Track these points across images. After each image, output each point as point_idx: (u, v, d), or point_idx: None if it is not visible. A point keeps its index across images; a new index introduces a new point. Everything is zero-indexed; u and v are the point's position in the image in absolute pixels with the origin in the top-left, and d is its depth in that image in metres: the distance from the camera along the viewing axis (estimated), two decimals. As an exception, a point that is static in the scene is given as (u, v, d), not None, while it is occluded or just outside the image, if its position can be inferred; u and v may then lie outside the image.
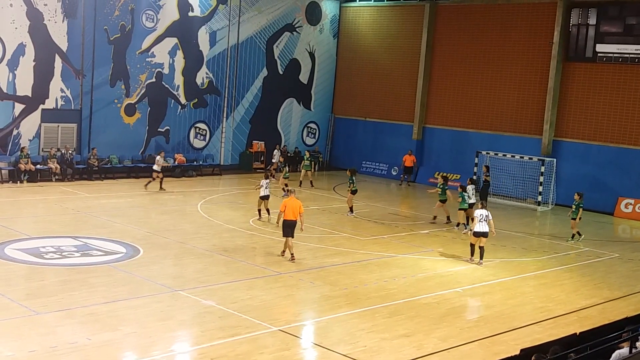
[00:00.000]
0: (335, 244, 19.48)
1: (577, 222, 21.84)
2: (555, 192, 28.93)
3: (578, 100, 29.21)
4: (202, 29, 32.09)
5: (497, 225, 23.21)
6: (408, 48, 34.54)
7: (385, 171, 35.05)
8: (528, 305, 15.07)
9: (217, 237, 19.40)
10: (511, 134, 30.98)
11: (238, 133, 34.20)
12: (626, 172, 27.86)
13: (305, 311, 14.10)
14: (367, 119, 36.34)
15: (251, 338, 11.87)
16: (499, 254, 19.82)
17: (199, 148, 32.73)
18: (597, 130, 28.71)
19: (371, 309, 14.01)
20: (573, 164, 29.19)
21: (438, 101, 33.74)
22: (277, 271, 16.25)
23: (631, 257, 20.51)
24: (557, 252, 20.59)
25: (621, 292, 16.60)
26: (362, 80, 36.45)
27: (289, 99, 36.19)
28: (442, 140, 33.57)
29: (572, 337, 11.07)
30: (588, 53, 28.89)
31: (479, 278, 16.99)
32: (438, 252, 19.50)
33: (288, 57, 35.75)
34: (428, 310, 14.22)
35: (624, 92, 27.93)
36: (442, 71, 33.49)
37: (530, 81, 30.43)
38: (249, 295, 14.27)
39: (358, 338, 12.32)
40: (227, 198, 26.37)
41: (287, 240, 17.31)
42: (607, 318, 13.49)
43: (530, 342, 11.47)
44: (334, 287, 15.33)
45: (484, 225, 18.02)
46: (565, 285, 16.96)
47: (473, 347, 12.32)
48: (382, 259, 18.22)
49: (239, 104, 34.09)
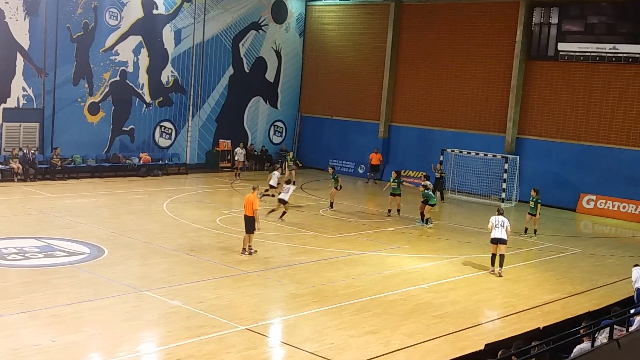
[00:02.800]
0: (302, 242, 19.50)
1: (537, 218, 22.20)
2: (519, 189, 29.36)
3: (540, 99, 29.67)
4: (166, 27, 31.83)
5: (461, 222, 23.55)
6: (374, 46, 34.71)
7: (352, 169, 35.19)
8: (492, 301, 15.29)
9: (183, 237, 19.29)
10: (475, 132, 31.35)
11: (204, 132, 34.01)
12: (588, 168, 28.40)
13: (272, 310, 14.10)
14: (333, 117, 36.44)
15: (218, 337, 11.84)
16: (464, 250, 20.05)
17: (165, 147, 32.46)
18: (559, 127, 29.20)
19: (338, 306, 14.07)
20: (536, 161, 29.66)
21: (404, 99, 33.98)
22: (244, 270, 16.21)
23: (593, 253, 20.91)
24: (521, 248, 20.91)
25: (583, 287, 16.92)
26: (328, 79, 36.52)
27: (256, 97, 36.09)
28: (408, 138, 33.81)
29: (536, 332, 11.28)
30: (550, 52, 29.37)
31: (444, 274, 17.18)
32: (404, 249, 19.65)
33: (254, 56, 35.65)
34: (394, 306, 14.34)
35: (585, 90, 28.45)
36: (408, 70, 33.73)
37: (494, 80, 30.82)
38: (216, 294, 14.22)
39: (325, 335, 12.37)
40: (194, 197, 26.22)
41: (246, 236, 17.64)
42: (569, 313, 13.75)
43: (494, 337, 11.62)
44: (301, 285, 15.36)
45: (500, 231, 17.27)
46: (529, 281, 17.23)
47: (439, 342, 12.45)
48: (349, 257, 18.31)
49: (205, 103, 33.90)
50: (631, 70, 27.41)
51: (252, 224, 17.51)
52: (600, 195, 27.81)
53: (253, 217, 17.43)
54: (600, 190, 27.88)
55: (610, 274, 18.33)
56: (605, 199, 27.67)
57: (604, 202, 27.68)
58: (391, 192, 24.19)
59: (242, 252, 17.59)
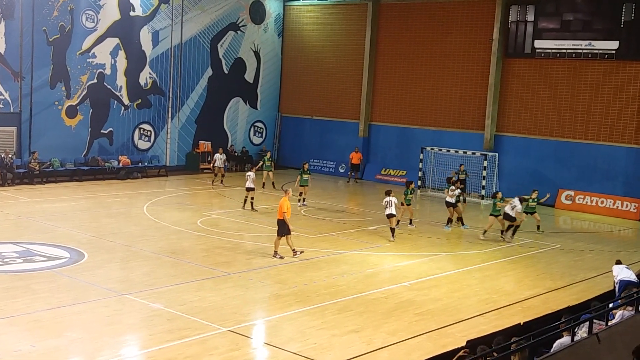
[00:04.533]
0: (284, 243, 19.43)
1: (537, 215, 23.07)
2: (498, 186, 29.56)
3: (518, 96, 29.92)
4: (144, 28, 31.65)
5: (442, 219, 23.64)
6: (352, 46, 34.78)
7: (332, 169, 35.24)
8: (473, 297, 15.39)
9: (164, 239, 19.20)
10: (454, 130, 31.53)
11: (184, 133, 33.87)
12: (565, 164, 28.68)
13: (255, 311, 14.09)
14: (314, 117, 36.46)
15: (200, 340, 11.81)
16: (445, 248, 20.17)
17: (144, 149, 32.28)
18: (536, 124, 29.46)
19: (321, 306, 14.09)
20: (514, 158, 29.90)
21: (383, 98, 34.09)
22: (226, 272, 16.18)
23: (572, 248, 21.12)
24: (501, 245, 21.06)
25: (563, 282, 17.08)
26: (308, 79, 36.54)
27: (235, 98, 36.02)
28: (388, 137, 33.92)
29: (516, 328, 11.37)
30: (527, 49, 29.62)
31: (425, 272, 17.26)
32: (386, 247, 19.71)
33: (233, 57, 35.57)
34: (377, 305, 14.39)
35: (562, 86, 28.73)
36: (386, 69, 33.85)
37: (472, 77, 31.03)
38: (198, 296, 14.17)
39: (308, 335, 12.39)
40: (174, 199, 26.10)
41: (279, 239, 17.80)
42: (550, 308, 13.86)
43: (476, 334, 11.71)
44: (284, 286, 15.36)
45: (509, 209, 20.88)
46: (509, 277, 17.38)
47: (421, 340, 12.52)
48: (331, 256, 18.34)
49: (184, 104, 33.76)
50: (607, 67, 27.72)
51: (283, 227, 17.57)
52: (579, 191, 28.11)
53: (283, 220, 17.52)
54: (579, 185, 28.18)
55: (590, 268, 18.53)
56: (584, 195, 27.98)
57: (582, 198, 27.98)
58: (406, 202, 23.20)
59: (274, 255, 17.67)
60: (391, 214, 20.42)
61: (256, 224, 22.05)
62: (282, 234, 17.68)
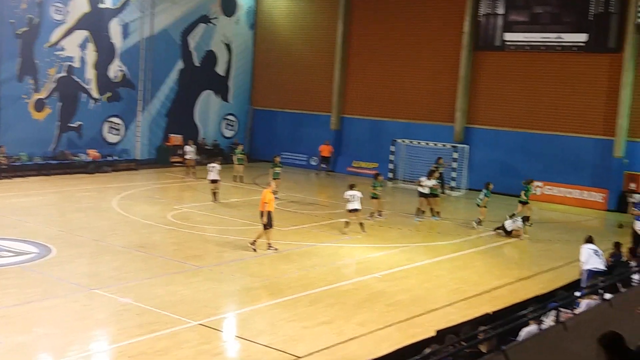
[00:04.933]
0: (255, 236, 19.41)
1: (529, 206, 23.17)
2: (468, 178, 29.87)
3: (488, 88, 30.19)
4: (113, 21, 31.30)
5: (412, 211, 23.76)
6: (324, 39, 34.77)
7: (304, 161, 35.24)
8: (443, 288, 15.54)
9: (134, 234, 19.06)
10: (425, 122, 31.72)
11: (154, 127, 33.61)
12: (534, 156, 29.03)
13: (225, 304, 14.06)
14: (285, 110, 36.39)
15: (170, 334, 11.76)
16: (415, 239, 20.32)
17: (114, 143, 31.97)
18: (506, 116, 29.77)
19: (292, 298, 14.12)
20: (484, 150, 30.19)
21: (355, 91, 34.15)
22: (197, 265, 16.12)
23: (540, 238, 21.41)
24: (470, 235, 21.28)
25: (531, 272, 17.33)
26: (280, 71, 36.45)
27: (206, 91, 35.82)
28: (360, 129, 34.02)
29: (485, 317, 11.51)
30: (497, 42, 29.90)
31: (396, 263, 17.37)
32: (357, 239, 19.79)
33: (204, 49, 35.34)
34: (347, 296, 14.45)
35: (531, 79, 29.06)
36: (358, 61, 33.89)
37: (443, 70, 31.22)
38: (168, 290, 14.11)
39: (279, 328, 12.41)
40: (144, 193, 25.90)
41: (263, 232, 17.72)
42: (518, 297, 14.02)
43: (445, 323, 11.83)
44: (255, 279, 15.36)
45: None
46: (478, 267, 17.57)
47: (391, 330, 12.61)
48: (303, 249, 18.37)
49: (155, 97, 33.48)
50: (575, 59, 28.09)
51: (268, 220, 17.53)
52: (547, 182, 28.47)
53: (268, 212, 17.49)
54: (547, 176, 28.53)
55: (557, 258, 18.80)
56: (552, 185, 28.35)
57: (550, 189, 28.36)
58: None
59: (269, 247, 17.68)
60: (355, 208, 20.18)
61: (227, 217, 21.99)
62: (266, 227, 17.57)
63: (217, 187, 24.20)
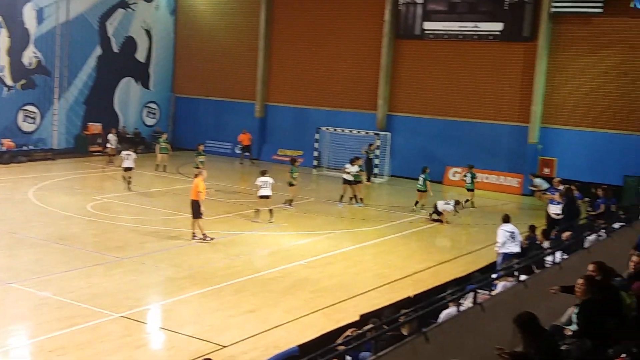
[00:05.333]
0: (180, 225, 19.20)
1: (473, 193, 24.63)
2: (390, 164, 30.38)
3: (408, 76, 30.70)
4: (27, 5, 30.05)
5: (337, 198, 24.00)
6: (247, 26, 34.48)
7: (229, 150, 34.94)
8: (367, 273, 15.80)
9: (52, 225, 18.49)
10: (349, 110, 31.99)
11: (72, 115, 32.58)
12: (453, 143, 29.75)
13: (149, 295, 13.86)
14: (209, 98, 35.96)
15: (91, 327, 11.52)
16: (340, 225, 20.55)
17: (29, 132, 30.82)
18: (426, 104, 30.37)
19: (217, 287, 14.06)
20: (405, 137, 30.72)
21: (279, 79, 34.07)
22: (118, 257, 15.81)
23: (459, 222, 22.00)
24: (393, 221, 21.68)
25: (451, 255, 17.84)
26: (202, 59, 35.94)
27: (126, 78, 34.96)
28: (284, 117, 33.99)
29: (407, 300, 11.80)
30: (417, 30, 30.38)
31: (321, 250, 17.54)
32: (282, 227, 19.84)
33: (123, 35, 34.45)
34: (273, 284, 14.50)
35: (450, 67, 29.72)
36: (282, 49, 33.80)
37: (365, 58, 31.52)
38: (88, 283, 13.79)
39: (204, 317, 12.35)
40: (63, 184, 25.13)
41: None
42: (439, 280, 14.43)
43: (369, 308, 12.06)
44: (179, 269, 15.20)
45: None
46: (401, 252, 17.94)
47: (317, 316, 12.75)
48: (228, 237, 18.28)
49: (72, 85, 32.44)
50: (491, 48, 28.89)
51: (197, 209, 17.31)
52: (465, 168, 29.21)
53: (197, 202, 17.30)
54: (465, 162, 29.20)
55: (476, 241, 19.40)
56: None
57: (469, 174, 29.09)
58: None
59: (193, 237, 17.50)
60: (266, 195, 20.14)
61: (149, 206, 21.63)
62: (197, 216, 17.46)
63: (131, 175, 23.94)
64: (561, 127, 27.71)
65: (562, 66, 27.49)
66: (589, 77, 27.00)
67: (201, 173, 18.36)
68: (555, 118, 27.82)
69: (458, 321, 8.60)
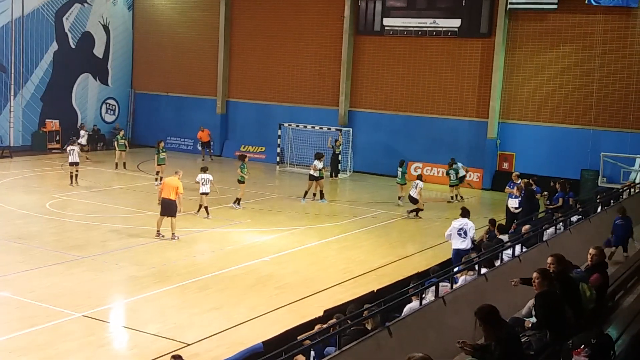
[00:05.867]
0: (141, 223, 19.04)
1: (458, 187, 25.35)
2: (353, 160, 30.52)
3: (369, 72, 30.85)
4: (-20, -1, 29.42)
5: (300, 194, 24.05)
6: (207, 21, 34.23)
7: (190, 146, 34.67)
8: (331, 269, 15.88)
9: (9, 224, 18.14)
10: (311, 106, 32.03)
11: (28, 112, 31.94)
12: (414, 138, 30.01)
13: (111, 294, 13.72)
14: (169, 94, 35.63)
15: (52, 327, 11.37)
16: (303, 221, 20.59)
17: (-16, 129, 30.18)
18: (387, 100, 30.57)
19: (180, 285, 13.99)
20: (367, 133, 30.89)
21: (240, 75, 33.92)
22: (79, 255, 15.60)
23: (421, 216, 22.21)
24: (356, 216, 21.81)
25: (414, 249, 18.02)
26: (162, 54, 35.58)
27: (84, 74, 34.41)
28: (246, 113, 33.86)
29: (370, 295, 11.91)
30: (376, 27, 30.52)
31: (285, 246, 17.56)
32: (246, 224, 19.80)
33: (80, 30, 33.89)
34: (237, 281, 14.49)
35: (410, 63, 29.95)
36: (243, 45, 33.65)
37: (326, 54, 31.58)
38: (48, 282, 13.59)
39: (168, 316, 12.28)
40: (20, 182, 24.66)
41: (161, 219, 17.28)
42: (402, 274, 14.54)
43: (333, 303, 12.13)
44: (142, 267, 15.07)
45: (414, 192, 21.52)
46: (364, 247, 18.07)
47: (281, 312, 12.79)
48: (190, 235, 18.18)
49: (28, 81, 31.81)
50: (450, 44, 29.20)
51: (171, 208, 17.16)
52: (426, 163, 29.54)
53: (174, 201, 17.18)
54: (426, 157, 29.59)
55: (437, 235, 19.53)
56: (431, 166, 29.46)
57: (429, 169, 29.44)
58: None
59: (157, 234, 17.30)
60: (205, 192, 20.25)
61: (110, 204, 21.37)
62: (168, 215, 17.22)
63: (77, 169, 23.99)
64: (519, 122, 28.18)
65: (519, 62, 27.95)
66: (545, 72, 27.51)
67: (178, 173, 18.17)
68: (513, 113, 28.28)
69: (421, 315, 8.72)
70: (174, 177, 17.93)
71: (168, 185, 17.49)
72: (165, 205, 17.32)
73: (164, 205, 17.34)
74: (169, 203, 17.31)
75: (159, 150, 25.26)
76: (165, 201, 17.31)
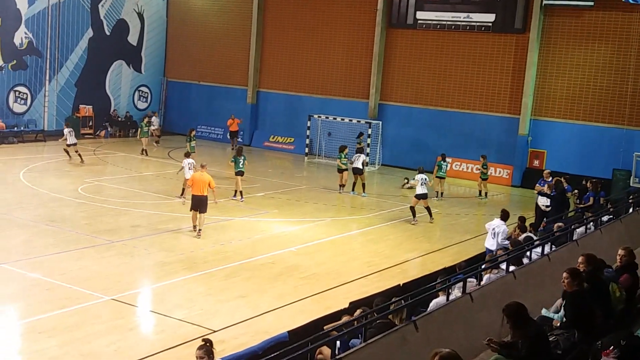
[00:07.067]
0: (171, 210, 19.27)
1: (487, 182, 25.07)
2: (382, 153, 30.45)
3: (401, 66, 30.71)
4: (18, -15, 29.84)
5: (327, 185, 24.10)
6: (240, 11, 34.35)
7: (220, 135, 34.90)
8: (356, 261, 15.90)
9: (42, 207, 18.47)
10: (341, 98, 32.01)
11: (63, 97, 32.40)
12: (444, 132, 29.85)
13: (139, 279, 13.91)
14: (201, 83, 35.87)
15: (82, 309, 11.57)
16: (329, 213, 20.62)
17: (20, 113, 30.65)
18: (418, 93, 30.42)
19: (208, 272, 14.12)
20: (397, 126, 30.80)
21: (271, 65, 34.00)
22: (109, 240, 15.82)
23: (449, 212, 22.15)
24: (383, 210, 21.77)
25: (440, 245, 17.95)
26: (194, 43, 35.81)
27: (118, 61, 34.77)
28: (276, 104, 33.95)
29: (396, 289, 11.90)
30: (409, 20, 30.36)
31: (311, 237, 17.62)
32: (273, 213, 19.89)
33: (115, 18, 34.23)
34: (263, 270, 14.58)
35: (442, 57, 29.75)
36: (275, 35, 33.71)
37: (358, 47, 31.51)
38: (79, 265, 13.82)
39: (194, 302, 12.41)
40: (53, 165, 25.07)
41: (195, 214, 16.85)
42: (427, 269, 14.54)
43: (358, 295, 12.15)
44: (170, 253, 15.23)
45: (424, 187, 19.95)
46: (390, 240, 18.05)
47: (306, 302, 12.84)
48: (219, 223, 18.32)
49: (63, 66, 32.24)
50: (483, 39, 28.94)
51: (205, 204, 16.84)
52: (455, 158, 29.36)
53: (206, 197, 16.81)
54: (455, 153, 29.39)
55: (464, 231, 19.53)
56: (460, 161, 29.29)
57: (458, 165, 29.29)
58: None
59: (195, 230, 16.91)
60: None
61: (142, 190, 21.62)
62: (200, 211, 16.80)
63: (77, 149, 25.30)
64: (551, 119, 27.86)
65: (553, 59, 27.60)
66: (579, 70, 27.14)
67: (204, 166, 17.64)
68: (545, 110, 27.96)
69: (447, 310, 8.70)
70: (202, 171, 17.33)
71: (199, 182, 16.93)
72: (197, 201, 16.84)
73: (196, 202, 16.85)
74: (201, 199, 16.83)
75: (190, 138, 25.45)
76: (197, 197, 16.83)
